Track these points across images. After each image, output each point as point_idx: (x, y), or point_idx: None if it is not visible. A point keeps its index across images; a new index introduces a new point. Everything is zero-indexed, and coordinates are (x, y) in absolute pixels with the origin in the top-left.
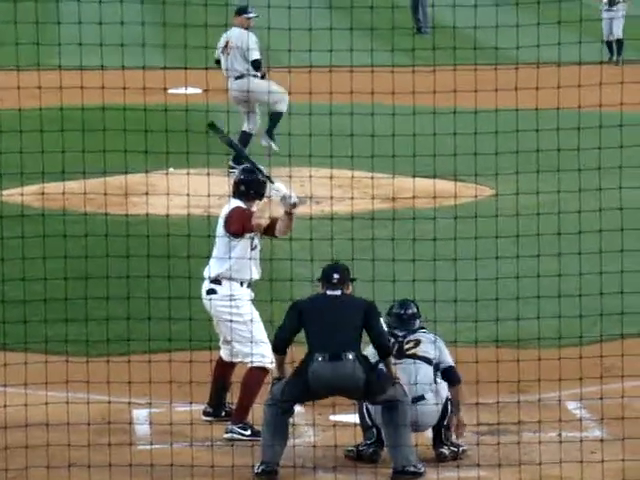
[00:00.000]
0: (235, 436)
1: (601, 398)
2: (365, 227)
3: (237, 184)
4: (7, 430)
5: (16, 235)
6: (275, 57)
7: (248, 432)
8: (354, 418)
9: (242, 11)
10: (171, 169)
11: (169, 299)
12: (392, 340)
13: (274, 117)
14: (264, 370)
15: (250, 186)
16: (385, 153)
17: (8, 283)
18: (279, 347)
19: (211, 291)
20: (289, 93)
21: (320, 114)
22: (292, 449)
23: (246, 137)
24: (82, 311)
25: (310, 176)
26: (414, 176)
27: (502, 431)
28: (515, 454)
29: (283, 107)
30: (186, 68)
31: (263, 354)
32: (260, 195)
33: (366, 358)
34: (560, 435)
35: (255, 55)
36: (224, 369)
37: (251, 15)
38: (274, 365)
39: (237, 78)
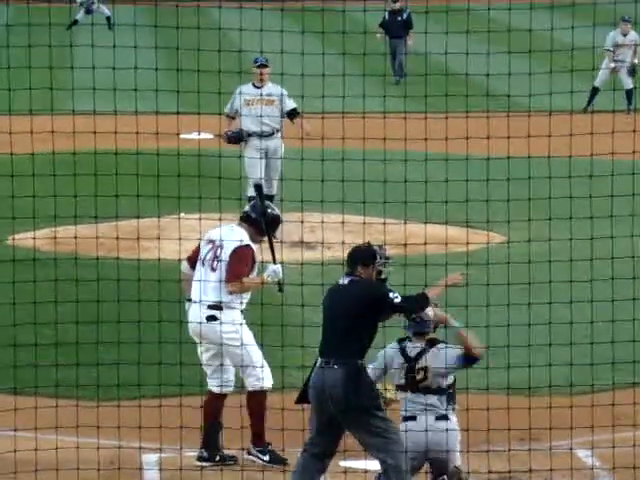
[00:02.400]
0: (253, 458)
1: (613, 446)
2: None
3: (247, 214)
4: (17, 474)
5: (27, 279)
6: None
7: (266, 457)
8: (365, 464)
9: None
10: (183, 214)
11: (180, 344)
12: (401, 365)
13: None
14: (262, 392)
15: (261, 219)
16: (397, 199)
17: (19, 327)
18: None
19: (212, 318)
20: (301, 138)
21: (332, 160)
22: None
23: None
24: (93, 355)
25: (322, 222)
26: (426, 222)
27: (513, 479)
28: None
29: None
30: (199, 113)
31: (258, 377)
32: (271, 231)
33: (355, 365)
34: None
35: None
36: (215, 404)
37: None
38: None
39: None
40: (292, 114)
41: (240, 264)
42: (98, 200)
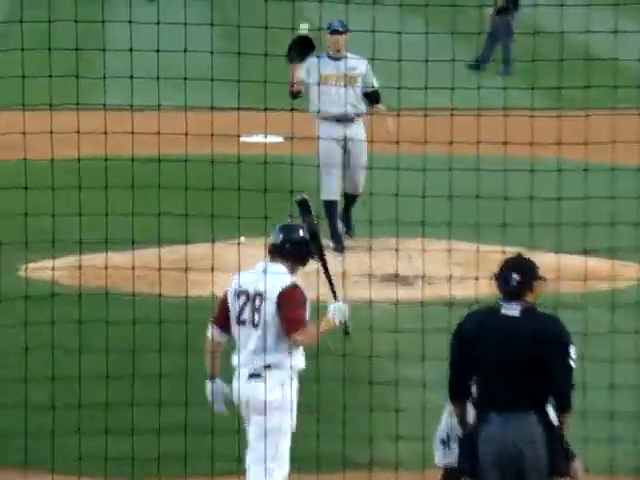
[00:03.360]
0: None
1: None
2: None
3: (278, 245)
4: None
5: (44, 320)
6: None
7: None
8: None
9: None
10: (242, 238)
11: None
12: None
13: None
14: None
15: (298, 245)
16: (520, 221)
17: (32, 383)
18: (452, 392)
19: (256, 376)
20: (396, 142)
21: (436, 170)
22: None
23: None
24: (126, 420)
25: (423, 249)
26: (558, 251)
27: None
28: None
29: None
30: (266, 109)
31: (270, 472)
32: (309, 257)
33: (546, 417)
34: None
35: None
36: None
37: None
38: None
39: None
40: (372, 96)
41: (295, 308)
42: (135, 220)
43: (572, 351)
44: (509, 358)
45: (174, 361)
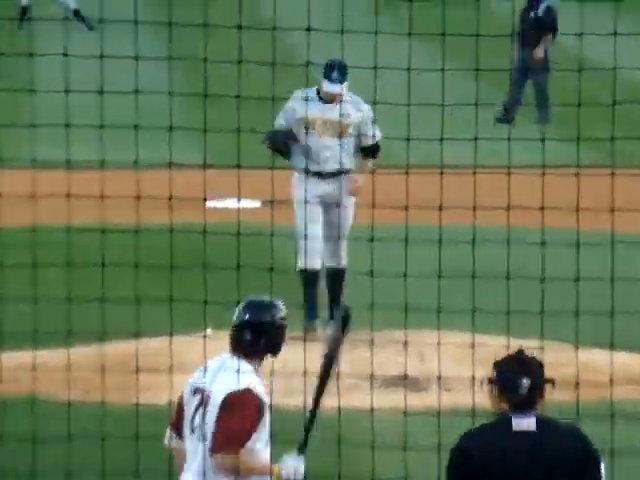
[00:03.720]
0: None
1: None
2: None
3: (239, 329)
4: None
5: None
6: (390, 152)
7: None
8: None
9: None
10: (209, 330)
11: None
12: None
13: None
14: None
15: (262, 333)
16: (561, 307)
17: None
18: None
19: None
20: (405, 208)
21: (455, 242)
22: None
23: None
24: None
25: (438, 343)
26: (612, 347)
27: None
28: None
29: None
30: (239, 167)
31: None
32: (276, 348)
33: None
34: None
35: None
36: None
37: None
38: None
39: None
40: (370, 150)
41: (234, 417)
42: (72, 307)
43: (602, 469)
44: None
45: None
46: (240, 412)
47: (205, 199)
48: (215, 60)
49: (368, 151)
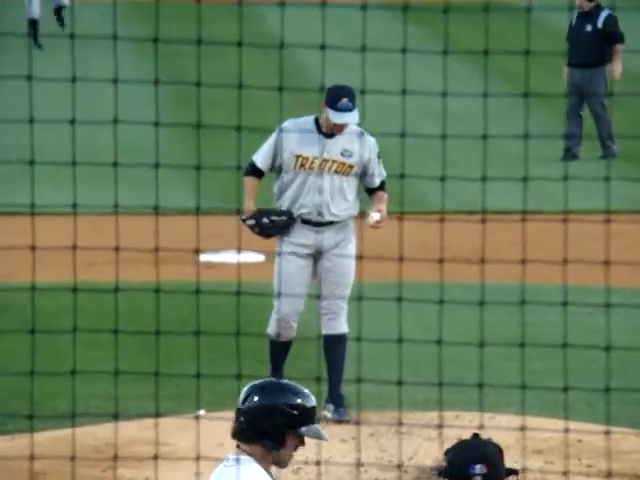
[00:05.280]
0: None
1: None
2: None
3: (243, 418)
4: None
5: None
6: (413, 197)
7: None
8: None
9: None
10: (203, 411)
11: None
12: None
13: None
14: None
15: (264, 422)
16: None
17: None
18: None
19: None
20: (440, 260)
21: (496, 303)
22: None
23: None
24: None
25: (481, 427)
26: None
27: None
28: None
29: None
30: (239, 213)
31: None
32: (293, 432)
33: None
34: None
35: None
36: None
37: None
38: None
39: None
40: (376, 189)
41: None
42: (35, 381)
43: None
44: None
45: None
46: None
47: (198, 251)
48: (210, 84)
49: (373, 189)
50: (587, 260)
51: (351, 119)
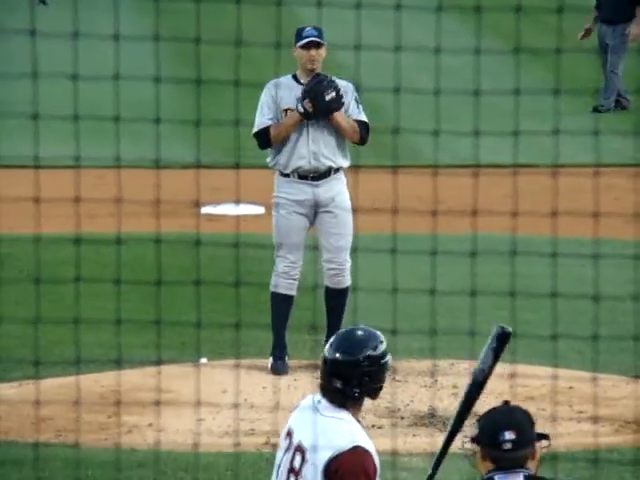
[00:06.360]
0: None
1: None
2: None
3: (331, 370)
4: None
5: None
6: (407, 151)
7: None
8: None
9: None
10: (204, 359)
11: None
12: None
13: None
14: None
15: (356, 374)
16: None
17: None
18: None
19: None
20: (434, 214)
21: (500, 252)
22: None
23: None
24: None
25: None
26: None
27: None
28: None
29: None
30: (238, 167)
31: None
32: (379, 386)
33: None
34: None
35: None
36: None
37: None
38: None
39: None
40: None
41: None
42: (41, 331)
43: None
44: None
45: None
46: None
47: (199, 204)
48: (210, 40)
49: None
50: (577, 212)
51: (316, 55)
